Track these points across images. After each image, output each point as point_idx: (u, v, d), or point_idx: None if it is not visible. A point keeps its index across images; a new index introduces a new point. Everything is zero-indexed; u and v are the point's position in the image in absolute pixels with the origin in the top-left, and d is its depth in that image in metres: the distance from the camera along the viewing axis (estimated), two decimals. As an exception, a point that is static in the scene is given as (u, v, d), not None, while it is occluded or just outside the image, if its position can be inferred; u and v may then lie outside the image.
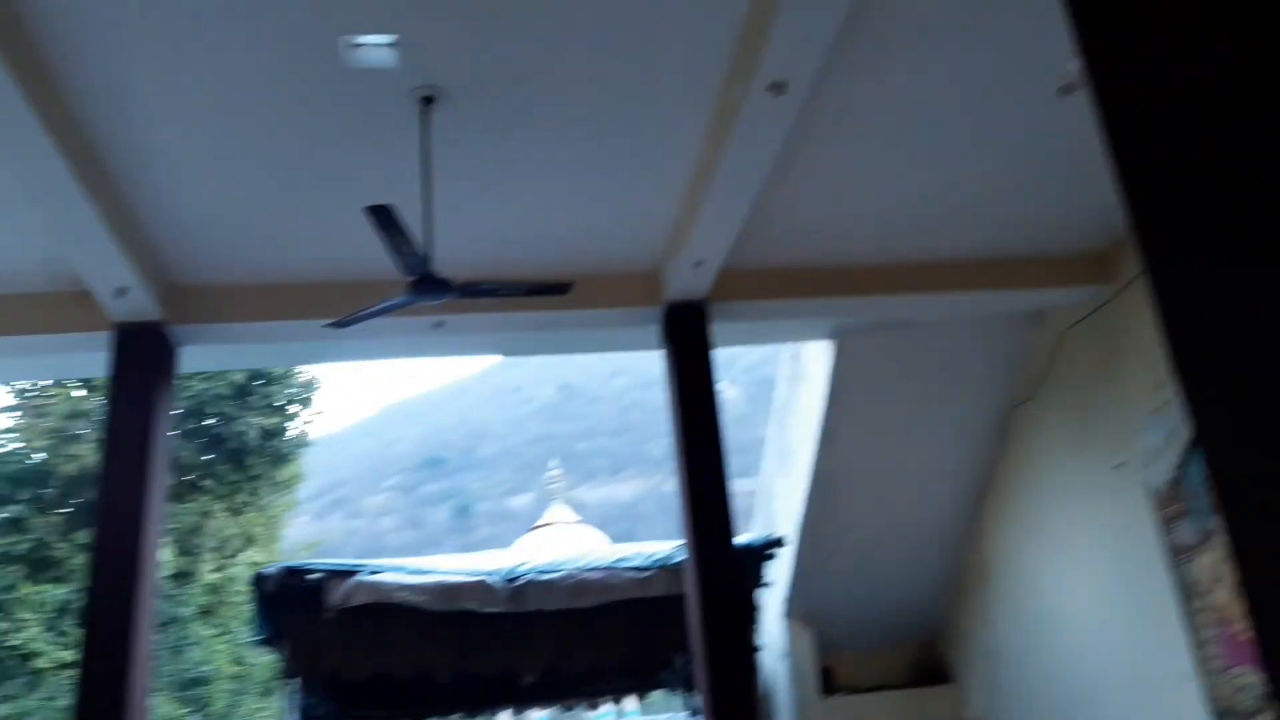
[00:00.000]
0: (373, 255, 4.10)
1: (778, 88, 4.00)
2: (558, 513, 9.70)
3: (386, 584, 5.79)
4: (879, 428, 7.17)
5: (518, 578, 5.98)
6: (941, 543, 7.88)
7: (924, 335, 6.73)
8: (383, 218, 3.53)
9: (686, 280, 5.50)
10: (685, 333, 5.72)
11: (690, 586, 5.26)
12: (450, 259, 4.36)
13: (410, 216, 3.91)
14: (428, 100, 4.06)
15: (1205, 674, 5.35)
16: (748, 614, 6.17)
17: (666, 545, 6.55)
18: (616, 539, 8.80)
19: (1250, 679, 5.05)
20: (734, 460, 5.46)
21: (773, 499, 8.27)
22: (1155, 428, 5.73)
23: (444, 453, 65.40)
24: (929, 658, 8.29)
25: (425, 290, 3.89)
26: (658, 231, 5.35)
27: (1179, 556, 5.56)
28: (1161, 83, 1.71)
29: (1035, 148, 5.04)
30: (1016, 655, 7.24)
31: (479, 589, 5.86)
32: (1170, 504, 5.62)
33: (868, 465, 7.32)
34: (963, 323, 6.75)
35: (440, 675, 5.97)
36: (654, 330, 5.84)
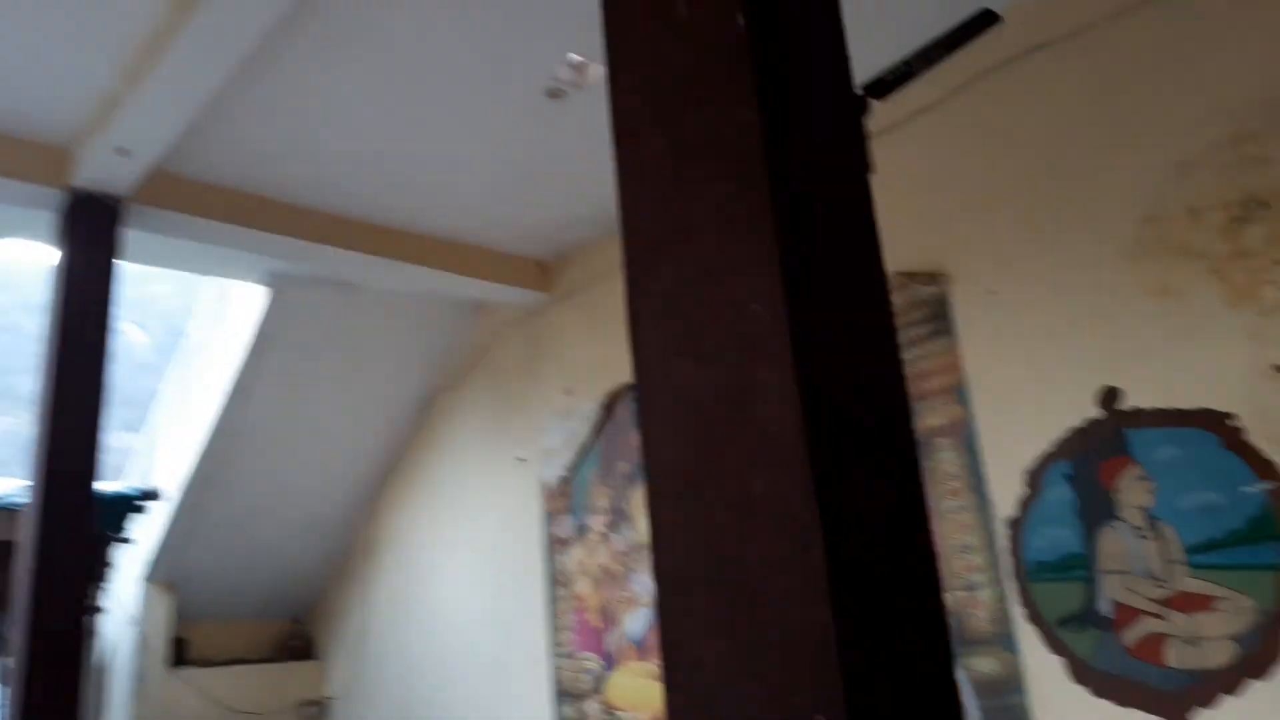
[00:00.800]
0: None
1: (267, -28, 3.49)
2: None
3: None
4: (300, 390, 6.73)
5: None
6: (334, 518, 7.63)
7: (365, 302, 6.48)
8: None
9: (104, 168, 4.56)
10: (90, 230, 4.73)
11: (26, 533, 4.30)
12: None
13: None
14: None
15: (557, 657, 5.83)
16: (96, 572, 5.27)
17: (6, 484, 5.34)
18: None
19: (592, 663, 5.61)
20: (125, 412, 4.63)
21: (158, 449, 7.29)
22: (557, 430, 6.17)
23: None
24: (296, 634, 7.94)
25: None
26: (80, 97, 4.35)
27: (555, 548, 6.02)
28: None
29: (514, 146, 5.11)
30: (389, 635, 7.24)
31: None
32: (556, 500, 6.08)
33: (277, 429, 6.82)
34: (406, 298, 6.65)
35: None
36: (49, 219, 4.76)
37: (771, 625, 1.34)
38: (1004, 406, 4.07)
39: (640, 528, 5.52)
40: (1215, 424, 3.46)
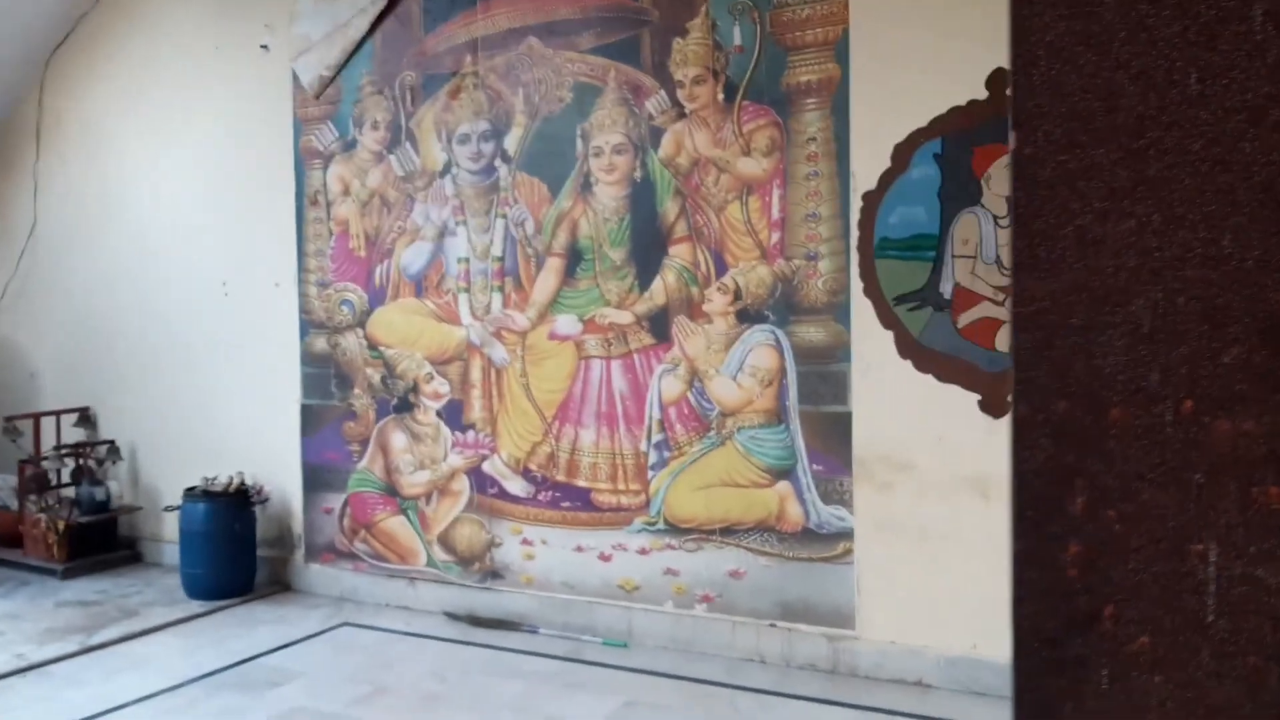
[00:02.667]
0: None
1: None
2: None
3: None
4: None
5: None
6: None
7: None
8: None
9: None
10: None
11: None
12: None
13: None
14: None
15: (309, 284, 5.13)
16: None
17: None
18: None
19: (354, 295, 5.00)
20: None
21: None
22: (316, 17, 5.01)
23: None
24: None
25: None
26: None
27: (308, 161, 5.11)
28: None
29: None
30: (70, 238, 6.00)
31: None
32: (313, 105, 5.07)
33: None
34: None
35: None
36: None
37: None
38: (885, 73, 3.79)
39: (428, 151, 4.78)
40: (1099, 124, 3.44)
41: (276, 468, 5.28)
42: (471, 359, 4.71)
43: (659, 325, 4.26)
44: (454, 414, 4.77)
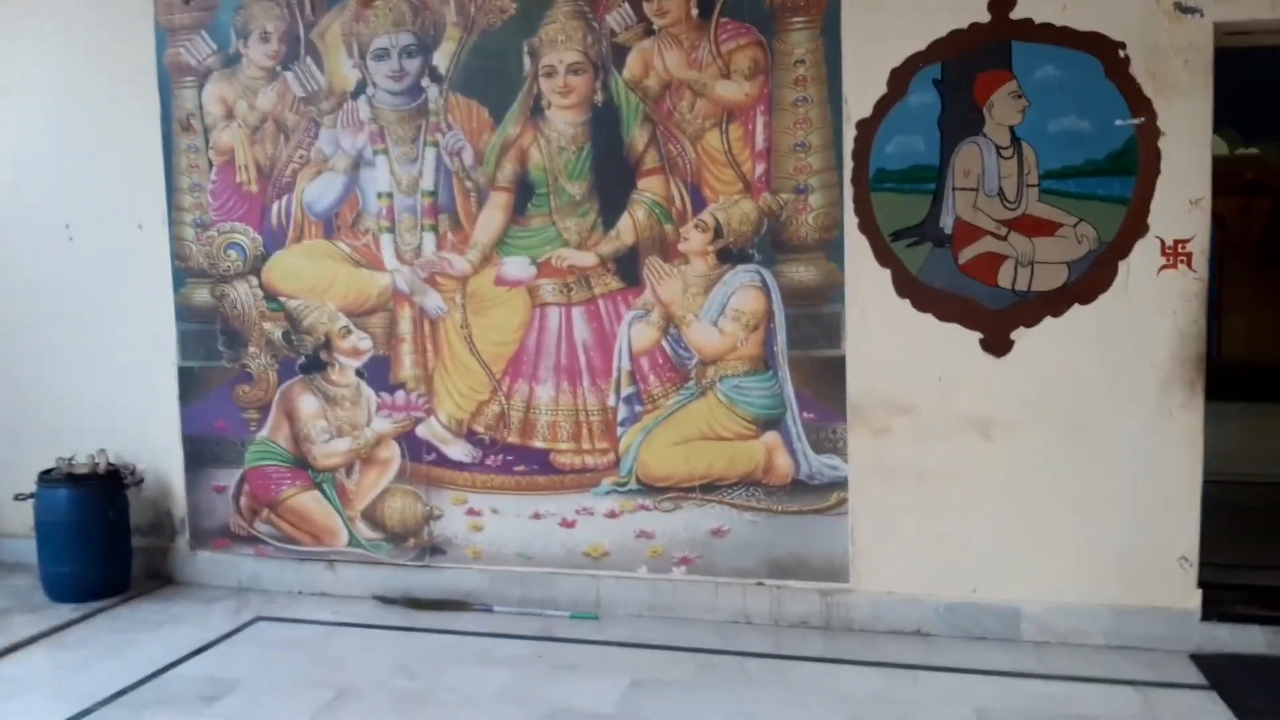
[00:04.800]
0: None
1: None
2: None
3: None
4: None
5: None
6: None
7: None
8: None
9: None
10: None
11: None
12: None
13: None
14: None
15: (183, 225, 4.33)
16: None
17: None
18: None
19: (244, 238, 4.27)
20: None
21: None
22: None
23: None
24: None
25: None
26: None
27: (179, 79, 4.29)
28: None
29: None
30: None
31: None
32: (180, 10, 4.24)
33: None
34: None
35: None
36: None
37: None
38: (879, -9, 3.54)
39: (335, 68, 4.10)
40: (1104, 50, 3.35)
41: (147, 443, 4.50)
42: (399, 309, 4.13)
43: (627, 267, 3.86)
44: (378, 372, 4.18)
